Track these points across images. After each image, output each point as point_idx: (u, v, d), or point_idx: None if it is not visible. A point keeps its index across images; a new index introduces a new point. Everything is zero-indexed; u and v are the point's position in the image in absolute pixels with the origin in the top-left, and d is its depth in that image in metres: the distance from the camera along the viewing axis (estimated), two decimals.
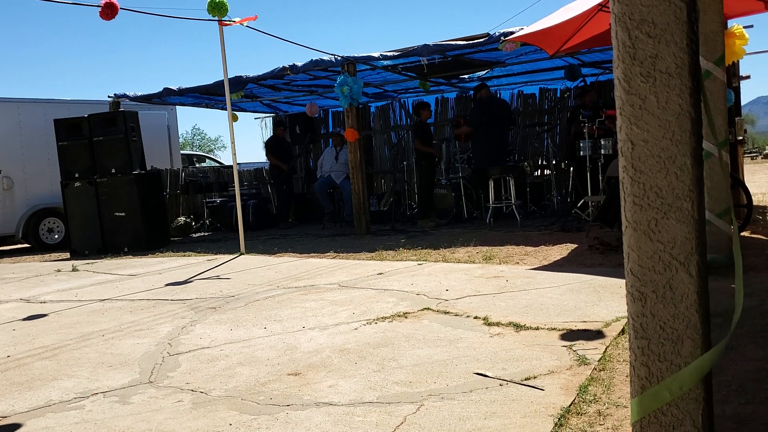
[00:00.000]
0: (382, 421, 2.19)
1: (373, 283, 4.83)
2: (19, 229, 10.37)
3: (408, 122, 12.26)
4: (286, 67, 8.85)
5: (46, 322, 4.34)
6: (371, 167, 12.38)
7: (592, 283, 4.18)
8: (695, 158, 1.27)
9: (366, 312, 3.87)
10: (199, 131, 55.47)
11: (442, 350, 2.96)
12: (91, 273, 6.95)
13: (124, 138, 8.92)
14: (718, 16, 4.27)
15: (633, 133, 1.30)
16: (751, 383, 2.26)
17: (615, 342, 2.90)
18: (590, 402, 2.22)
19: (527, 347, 2.91)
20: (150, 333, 3.78)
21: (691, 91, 1.26)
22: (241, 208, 8.04)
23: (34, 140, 10.56)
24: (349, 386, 2.57)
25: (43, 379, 2.99)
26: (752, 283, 3.86)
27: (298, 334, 3.47)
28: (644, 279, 1.31)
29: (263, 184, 13.12)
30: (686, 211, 1.28)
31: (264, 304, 4.35)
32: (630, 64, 1.29)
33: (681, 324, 1.30)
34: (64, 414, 2.51)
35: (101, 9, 6.54)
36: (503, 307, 3.71)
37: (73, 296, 5.37)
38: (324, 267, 5.91)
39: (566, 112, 10.19)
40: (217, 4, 7.13)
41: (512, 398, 2.31)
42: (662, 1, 1.26)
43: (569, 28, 6.12)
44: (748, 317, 3.10)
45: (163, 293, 5.20)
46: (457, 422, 2.13)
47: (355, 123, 8.60)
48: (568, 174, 9.68)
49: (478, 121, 8.69)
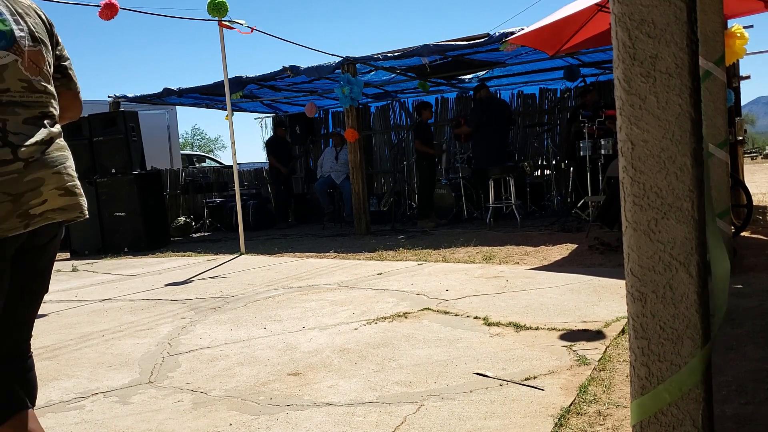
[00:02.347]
0: (382, 421, 2.19)
1: (373, 283, 4.83)
2: None
3: (408, 122, 12.26)
4: (286, 68, 8.85)
5: (46, 322, 4.34)
6: (371, 167, 12.39)
7: (592, 283, 4.18)
8: (695, 158, 1.27)
9: (366, 312, 3.87)
10: (199, 131, 55.46)
11: (442, 350, 2.96)
12: (91, 273, 6.95)
13: (124, 138, 8.92)
14: (718, 16, 4.27)
15: (633, 133, 1.30)
16: (751, 383, 2.26)
17: (615, 342, 2.90)
18: (590, 402, 2.22)
19: (527, 347, 2.91)
20: (150, 333, 3.78)
21: (691, 91, 1.26)
22: (241, 208, 8.04)
23: None
24: (349, 386, 2.57)
25: (43, 379, 2.99)
26: (752, 283, 3.86)
27: (298, 334, 3.47)
28: (644, 279, 1.31)
29: (263, 184, 13.12)
30: (686, 211, 1.28)
31: (264, 304, 4.35)
32: (630, 64, 1.29)
33: (681, 324, 1.30)
34: (64, 414, 2.51)
35: (101, 9, 6.54)
36: (503, 307, 3.71)
37: (73, 296, 5.37)
38: (324, 267, 5.91)
39: (566, 113, 10.19)
40: (217, 5, 7.13)
41: (512, 398, 2.31)
42: (662, 1, 1.26)
43: (569, 28, 6.12)
44: (748, 317, 3.10)
45: (163, 293, 5.20)
46: (457, 422, 2.13)
47: (355, 123, 8.60)
48: (568, 174, 9.68)
49: (478, 121, 8.69)
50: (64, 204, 1.63)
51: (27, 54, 1.62)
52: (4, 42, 1.57)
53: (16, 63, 1.59)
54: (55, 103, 1.72)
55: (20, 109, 1.58)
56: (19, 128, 1.55)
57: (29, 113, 1.60)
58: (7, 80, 1.56)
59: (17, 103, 1.58)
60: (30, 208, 1.53)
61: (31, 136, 1.57)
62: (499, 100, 10.28)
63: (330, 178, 10.46)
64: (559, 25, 5.67)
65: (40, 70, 1.66)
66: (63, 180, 1.63)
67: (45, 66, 1.68)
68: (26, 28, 1.64)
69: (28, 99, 1.61)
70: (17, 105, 1.58)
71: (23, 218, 1.51)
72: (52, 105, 1.69)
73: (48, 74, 1.69)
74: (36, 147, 1.57)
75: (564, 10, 5.52)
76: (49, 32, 1.75)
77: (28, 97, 1.61)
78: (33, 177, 1.54)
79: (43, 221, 1.57)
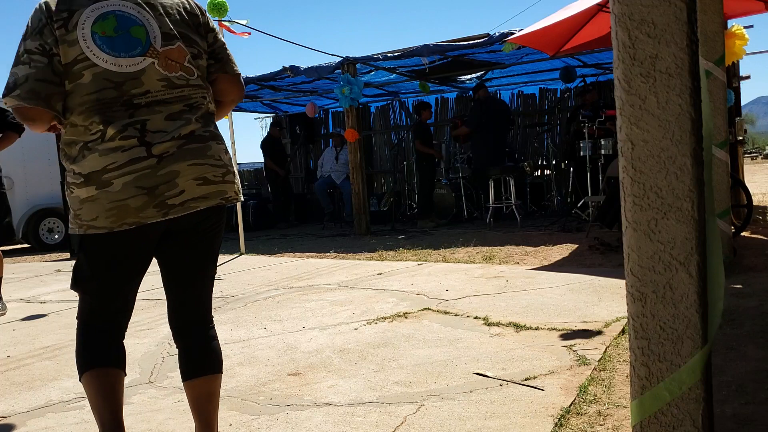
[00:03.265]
0: (382, 421, 2.19)
1: (373, 283, 4.83)
2: (19, 229, 10.37)
3: (408, 122, 12.26)
4: (286, 68, 8.85)
5: (46, 322, 4.34)
6: (371, 167, 12.38)
7: (592, 284, 4.18)
8: (695, 158, 1.27)
9: (366, 312, 3.87)
10: None
11: (442, 350, 2.96)
12: None
13: None
14: (718, 16, 4.27)
15: (633, 134, 1.30)
16: (751, 383, 2.26)
17: (615, 342, 2.90)
18: (590, 402, 2.22)
19: (527, 347, 2.91)
20: (150, 333, 3.78)
21: (691, 92, 1.26)
22: (241, 208, 8.04)
23: (34, 140, 10.55)
24: (349, 386, 2.57)
25: (43, 380, 2.99)
26: (752, 283, 3.86)
27: (298, 334, 3.47)
28: (644, 279, 1.32)
29: (263, 184, 13.11)
30: (686, 211, 1.28)
31: (264, 304, 4.35)
32: (630, 65, 1.29)
33: (681, 324, 1.30)
34: (64, 414, 2.51)
35: None
36: (503, 308, 3.71)
37: (73, 296, 5.37)
38: (324, 267, 5.91)
39: (566, 113, 10.19)
40: (217, 5, 7.13)
41: (512, 398, 2.31)
42: (662, 2, 1.26)
43: (569, 28, 6.12)
44: (748, 317, 3.10)
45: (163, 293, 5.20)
46: (457, 422, 2.13)
47: (355, 123, 8.60)
48: (568, 174, 9.69)
49: (478, 121, 8.69)
50: (205, 192, 1.75)
51: (163, 53, 1.75)
52: (139, 48, 1.72)
53: (153, 65, 1.72)
54: (204, 92, 1.84)
55: (161, 107, 1.73)
56: (160, 126, 1.71)
57: (171, 109, 1.74)
58: (146, 83, 1.71)
59: (158, 102, 1.73)
60: (166, 198, 1.69)
61: (169, 132, 1.72)
62: (498, 100, 10.28)
63: (330, 178, 10.46)
64: (559, 25, 5.66)
65: (180, 66, 1.77)
66: (201, 170, 1.75)
67: (186, 59, 1.79)
68: (160, 28, 1.76)
69: (170, 96, 1.75)
70: (158, 104, 1.73)
71: (161, 208, 1.69)
72: (200, 95, 1.82)
73: (191, 67, 1.80)
74: (172, 143, 1.71)
75: (564, 10, 5.52)
76: (195, 22, 1.86)
77: (170, 94, 1.75)
78: (167, 171, 1.69)
79: (184, 210, 1.73)
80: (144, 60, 1.71)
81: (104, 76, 1.67)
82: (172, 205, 1.70)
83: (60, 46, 1.66)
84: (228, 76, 1.92)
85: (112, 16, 1.71)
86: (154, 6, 1.77)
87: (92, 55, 1.67)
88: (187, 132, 1.74)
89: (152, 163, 1.68)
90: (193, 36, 1.82)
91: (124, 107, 1.69)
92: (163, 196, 1.69)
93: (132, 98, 1.70)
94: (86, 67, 1.67)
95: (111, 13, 1.71)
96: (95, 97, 1.67)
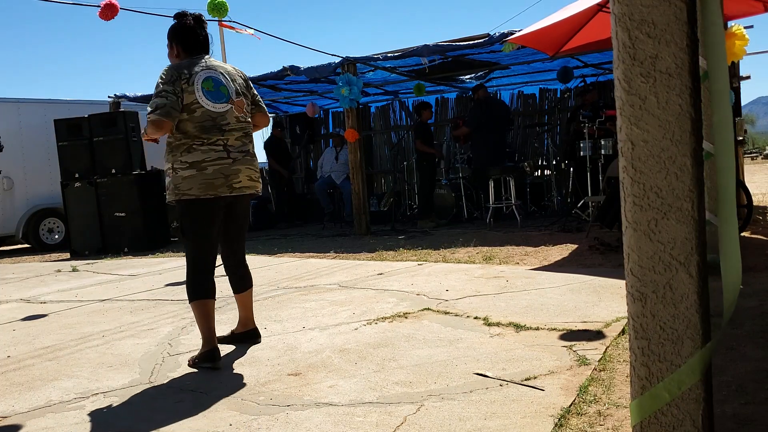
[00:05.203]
0: (382, 421, 2.19)
1: (373, 284, 4.83)
2: (19, 230, 10.38)
3: (408, 122, 12.26)
4: (286, 68, 8.85)
5: (46, 323, 4.34)
6: (371, 167, 12.39)
7: (592, 284, 4.18)
8: (695, 158, 1.27)
9: (366, 312, 3.87)
10: None
11: (442, 350, 2.96)
12: (91, 273, 6.95)
13: (124, 138, 8.92)
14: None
15: (633, 134, 1.30)
16: (751, 383, 2.26)
17: (615, 342, 2.90)
18: (590, 402, 2.22)
19: (527, 347, 2.91)
20: (150, 333, 3.78)
21: (691, 92, 1.26)
22: None
23: (34, 140, 10.56)
24: (349, 386, 2.57)
25: (43, 380, 2.99)
26: (752, 283, 3.86)
27: (298, 335, 3.47)
28: (644, 279, 1.31)
29: (264, 184, 13.11)
30: (686, 212, 1.28)
31: (264, 305, 4.35)
32: (630, 65, 1.29)
33: (681, 324, 1.30)
34: (64, 414, 2.51)
35: (101, 9, 6.54)
36: (503, 308, 3.71)
37: (73, 296, 5.37)
38: (324, 267, 5.91)
39: (566, 113, 10.19)
40: (217, 5, 7.13)
41: (512, 398, 2.31)
42: (662, 2, 1.26)
43: (570, 28, 6.12)
44: (748, 317, 3.10)
45: (164, 293, 5.20)
46: (457, 422, 2.13)
47: (355, 123, 8.60)
48: (568, 174, 9.69)
49: (477, 121, 8.70)
50: (250, 185, 3.15)
51: (236, 103, 3.13)
52: (225, 99, 3.07)
53: (231, 109, 3.09)
54: (251, 124, 3.25)
55: (234, 132, 3.09)
56: (233, 143, 3.07)
57: (238, 134, 3.11)
58: (228, 118, 3.07)
59: (233, 129, 3.08)
60: (233, 183, 3.05)
61: (237, 148, 3.08)
62: (497, 100, 10.29)
63: (330, 178, 10.45)
64: (559, 26, 5.66)
65: (242, 110, 3.17)
66: (249, 172, 3.13)
67: (245, 107, 3.20)
68: (235, 88, 3.15)
69: (238, 126, 3.12)
70: (233, 130, 3.08)
71: (230, 188, 3.04)
72: (250, 127, 3.23)
73: (247, 112, 3.22)
74: (239, 153, 3.09)
75: (564, 10, 5.52)
76: (247, 86, 3.28)
77: (238, 125, 3.12)
78: (235, 168, 3.06)
79: (239, 191, 3.08)
80: (227, 105, 3.07)
81: (207, 113, 3.00)
82: (235, 187, 3.05)
83: (184, 93, 2.95)
84: (261, 113, 3.35)
85: (211, 79, 3.04)
86: (231, 73, 3.18)
87: (201, 100, 2.99)
88: (246, 150, 3.14)
89: (229, 163, 3.03)
90: (247, 93, 3.25)
91: (216, 130, 3.02)
92: (231, 181, 3.03)
93: (221, 126, 3.03)
94: (198, 107, 2.98)
95: (211, 77, 3.05)
96: (201, 124, 2.98)
